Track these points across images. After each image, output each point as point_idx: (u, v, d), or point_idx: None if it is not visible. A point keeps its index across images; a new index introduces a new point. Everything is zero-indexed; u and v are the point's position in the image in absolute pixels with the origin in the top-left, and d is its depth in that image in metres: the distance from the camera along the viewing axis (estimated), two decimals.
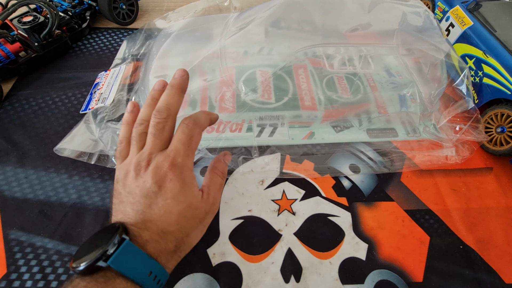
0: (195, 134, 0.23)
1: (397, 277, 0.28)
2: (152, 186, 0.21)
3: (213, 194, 0.24)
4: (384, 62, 0.43)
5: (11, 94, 0.43)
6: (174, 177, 0.21)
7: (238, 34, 0.40)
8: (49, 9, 0.44)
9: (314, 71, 0.40)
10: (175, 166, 0.21)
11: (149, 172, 0.21)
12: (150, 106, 0.24)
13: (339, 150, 0.37)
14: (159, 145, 0.22)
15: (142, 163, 0.22)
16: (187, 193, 0.22)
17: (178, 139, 0.22)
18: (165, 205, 0.21)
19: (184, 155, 0.22)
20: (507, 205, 0.34)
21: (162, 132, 0.22)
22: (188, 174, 0.22)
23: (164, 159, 0.21)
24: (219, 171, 0.26)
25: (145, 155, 0.22)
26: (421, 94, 0.39)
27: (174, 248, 0.21)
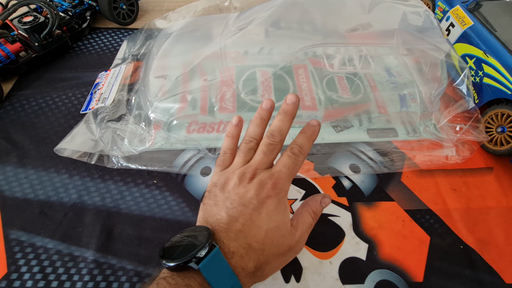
0: (299, 162, 0.24)
1: (398, 277, 0.28)
2: (253, 197, 0.21)
3: (300, 231, 0.24)
4: (384, 62, 0.43)
5: (12, 94, 0.43)
6: (273, 195, 0.22)
7: (238, 34, 0.40)
8: (49, 9, 0.44)
9: (314, 71, 0.40)
10: (277, 185, 0.22)
11: (253, 184, 0.22)
12: (259, 126, 0.25)
13: (339, 150, 0.37)
14: (266, 163, 0.23)
15: (247, 175, 0.23)
16: (279, 215, 0.22)
17: (284, 164, 0.23)
18: (258, 219, 0.21)
19: (286, 179, 0.23)
20: (507, 205, 0.34)
21: (271, 153, 0.24)
22: (284, 197, 0.23)
23: (269, 176, 0.22)
24: (312, 211, 0.25)
25: (252, 168, 0.23)
26: (421, 94, 0.39)
27: (254, 269, 0.20)
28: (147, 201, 0.33)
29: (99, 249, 0.29)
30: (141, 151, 0.35)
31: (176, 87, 0.37)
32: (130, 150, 0.35)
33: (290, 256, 0.24)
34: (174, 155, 0.36)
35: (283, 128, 0.25)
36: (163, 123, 0.37)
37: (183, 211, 0.32)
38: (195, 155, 0.36)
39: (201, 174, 0.35)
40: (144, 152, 0.35)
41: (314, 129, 0.25)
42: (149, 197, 0.33)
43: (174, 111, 0.37)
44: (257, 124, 0.25)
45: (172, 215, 0.32)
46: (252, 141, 0.25)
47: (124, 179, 0.34)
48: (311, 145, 0.25)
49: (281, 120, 0.25)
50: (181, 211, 0.32)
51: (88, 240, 0.30)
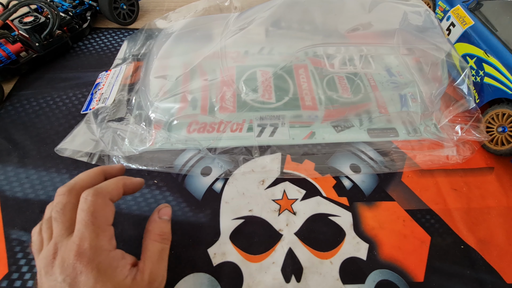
0: (98, 207, 0.19)
1: (398, 277, 0.28)
2: (62, 284, 0.17)
3: (149, 268, 0.20)
4: (384, 61, 0.43)
5: (12, 94, 0.43)
6: (84, 268, 0.17)
7: (239, 34, 0.40)
8: (50, 10, 0.44)
9: (315, 70, 0.40)
10: (82, 254, 0.17)
11: (56, 268, 0.17)
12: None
13: (340, 150, 0.37)
14: (63, 230, 0.18)
15: (49, 257, 0.18)
16: (106, 284, 0.17)
17: (80, 220, 0.18)
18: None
19: (92, 237, 0.18)
20: (508, 205, 0.34)
21: (65, 213, 0.19)
22: (103, 258, 0.18)
23: (70, 247, 0.18)
24: (154, 234, 0.21)
25: (51, 246, 0.18)
26: (422, 94, 0.39)
27: None
28: (147, 201, 0.33)
29: None
30: (141, 151, 0.35)
31: (176, 87, 0.37)
32: (131, 150, 0.35)
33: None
34: (175, 155, 0.36)
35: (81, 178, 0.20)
36: (164, 123, 0.37)
37: (184, 211, 0.32)
38: (196, 155, 0.36)
39: (201, 174, 0.35)
40: (144, 152, 0.35)
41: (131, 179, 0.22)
42: (150, 197, 0.33)
43: (174, 111, 0.37)
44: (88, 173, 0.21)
45: (173, 215, 0.32)
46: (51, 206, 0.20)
47: None
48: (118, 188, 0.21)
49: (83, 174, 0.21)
50: (181, 211, 0.32)
51: None
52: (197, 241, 0.30)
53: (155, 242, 0.22)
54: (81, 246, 0.18)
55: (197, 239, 0.30)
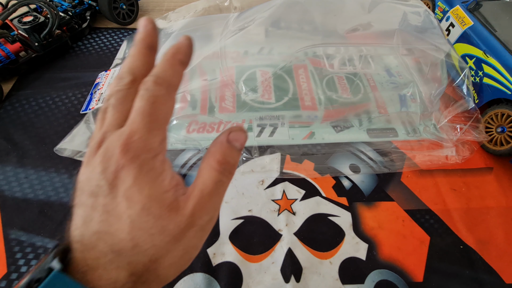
0: (159, 98, 0.15)
1: (397, 277, 0.28)
2: (99, 177, 0.14)
3: (195, 198, 0.15)
4: (384, 62, 0.43)
5: (12, 94, 0.43)
6: (127, 162, 0.14)
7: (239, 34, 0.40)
8: (50, 9, 0.44)
9: (314, 71, 0.40)
10: (130, 146, 0.14)
11: (98, 157, 0.15)
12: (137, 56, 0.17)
13: (339, 150, 0.37)
14: (118, 119, 0.15)
15: (93, 146, 0.15)
16: (143, 189, 0.14)
17: (136, 109, 0.15)
18: (114, 207, 0.14)
19: (146, 130, 0.15)
20: (507, 205, 0.34)
21: (123, 103, 0.16)
22: (151, 158, 0.15)
23: (117, 138, 0.15)
24: (215, 160, 0.16)
25: (100, 134, 0.15)
26: (421, 94, 0.39)
27: (132, 277, 0.14)
28: None
29: None
30: None
31: None
32: None
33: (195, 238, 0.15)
34: (174, 155, 0.36)
35: (133, 64, 0.17)
36: None
37: None
38: (195, 155, 0.36)
39: None
40: None
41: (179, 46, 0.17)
42: None
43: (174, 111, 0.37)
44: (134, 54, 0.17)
45: None
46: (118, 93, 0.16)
47: None
48: (179, 71, 0.16)
49: (130, 55, 0.17)
50: None
51: None
52: None
53: (212, 169, 0.16)
54: (130, 137, 0.14)
55: None
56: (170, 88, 0.15)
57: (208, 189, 0.15)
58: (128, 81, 0.15)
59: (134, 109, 0.15)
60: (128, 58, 0.16)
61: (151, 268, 0.14)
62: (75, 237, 0.14)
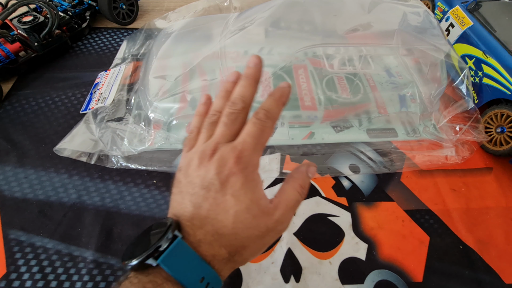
0: (267, 128, 0.21)
1: (397, 277, 0.28)
2: (214, 177, 0.19)
3: (282, 209, 0.20)
4: (384, 62, 0.43)
5: (11, 94, 0.43)
6: (237, 171, 0.19)
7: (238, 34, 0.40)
8: (49, 9, 0.44)
9: (314, 71, 0.40)
10: (241, 159, 0.19)
11: (213, 162, 0.19)
12: (223, 98, 0.22)
13: (339, 150, 0.37)
14: (228, 135, 0.21)
15: (207, 152, 0.20)
16: (247, 193, 0.19)
17: (248, 132, 0.20)
18: (223, 201, 0.19)
19: (252, 150, 0.20)
20: (507, 205, 0.34)
21: (234, 123, 0.21)
22: (252, 171, 0.20)
23: (231, 150, 0.20)
24: (297, 184, 0.22)
25: (212, 144, 0.20)
26: (421, 94, 0.39)
27: (227, 255, 0.19)
28: (146, 201, 0.33)
29: (98, 249, 0.29)
30: (140, 151, 0.35)
31: (176, 87, 0.37)
32: (130, 150, 0.35)
33: (272, 238, 0.21)
34: (174, 155, 0.36)
35: (245, 94, 0.22)
36: (163, 123, 0.37)
37: None
38: None
39: None
40: (143, 152, 0.35)
41: (284, 91, 0.22)
42: (149, 197, 0.33)
43: (174, 111, 0.37)
44: (221, 96, 0.22)
45: None
46: (216, 114, 0.22)
47: (124, 179, 0.34)
48: (281, 109, 0.22)
49: (242, 86, 0.22)
50: None
51: (88, 240, 0.30)
52: None
53: (295, 190, 0.21)
54: (242, 152, 0.19)
55: None
56: (274, 121, 0.21)
57: (291, 204, 0.21)
58: (240, 108, 0.21)
59: (246, 131, 0.20)
60: (239, 87, 0.22)
61: (241, 251, 0.19)
62: (186, 216, 0.19)
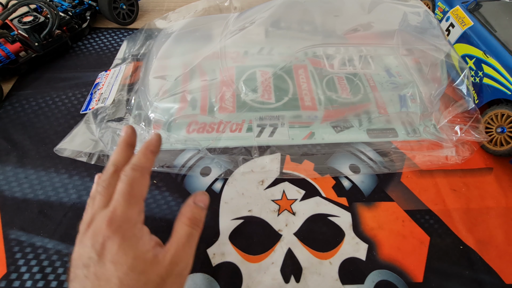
0: (135, 180, 0.20)
1: (397, 277, 0.28)
2: (90, 251, 0.17)
3: (173, 250, 0.19)
4: (384, 62, 0.43)
5: (11, 94, 0.43)
6: (111, 234, 0.18)
7: (239, 35, 0.40)
8: (49, 9, 0.44)
9: (314, 71, 0.40)
10: (113, 220, 0.18)
11: (88, 235, 0.18)
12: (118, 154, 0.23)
13: (339, 150, 0.37)
14: (104, 202, 0.20)
15: (83, 227, 0.19)
16: (128, 252, 0.17)
17: (118, 191, 0.19)
18: (104, 272, 0.17)
19: (125, 206, 0.19)
20: (507, 206, 0.34)
21: (108, 189, 0.20)
22: (129, 227, 0.18)
23: (104, 216, 0.18)
24: (186, 218, 0.21)
25: (88, 216, 0.19)
26: (421, 94, 0.39)
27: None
28: (146, 201, 0.33)
29: None
30: None
31: (176, 87, 0.37)
32: None
33: (174, 283, 0.19)
34: (174, 155, 0.36)
35: (117, 158, 0.22)
36: (163, 123, 0.37)
37: None
38: (195, 155, 0.36)
39: (201, 174, 0.35)
40: None
41: (151, 141, 0.22)
42: (149, 197, 0.33)
43: (174, 111, 0.37)
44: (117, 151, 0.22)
45: (172, 215, 0.32)
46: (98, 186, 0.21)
47: None
48: (150, 158, 0.22)
49: (115, 153, 0.22)
50: None
51: None
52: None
53: (184, 225, 0.21)
54: (113, 214, 0.18)
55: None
56: (143, 171, 0.21)
57: (182, 241, 0.20)
58: (111, 172, 0.21)
59: (116, 191, 0.19)
60: (112, 154, 0.22)
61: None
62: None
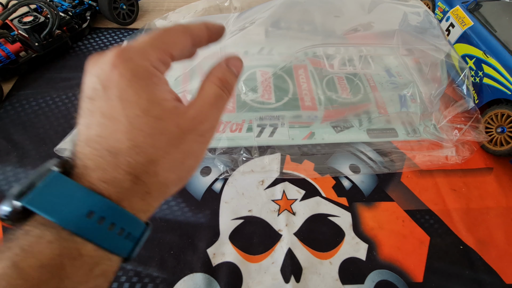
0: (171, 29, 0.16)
1: (397, 277, 0.28)
2: (95, 81, 0.15)
3: (198, 106, 0.16)
4: (384, 62, 0.43)
5: (12, 94, 0.43)
6: (119, 63, 0.14)
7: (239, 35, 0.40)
8: (50, 9, 0.44)
9: (314, 71, 0.40)
10: (125, 51, 0.15)
11: (98, 64, 0.15)
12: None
13: (339, 150, 0.37)
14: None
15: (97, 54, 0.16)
16: (139, 93, 0.14)
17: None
18: (109, 109, 0.14)
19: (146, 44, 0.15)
20: (507, 205, 0.34)
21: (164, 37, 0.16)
22: (143, 66, 0.15)
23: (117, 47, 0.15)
24: (216, 78, 0.17)
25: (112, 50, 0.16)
26: (421, 94, 0.39)
27: (129, 176, 0.14)
28: None
29: None
30: None
31: (176, 87, 0.37)
32: None
33: (193, 142, 0.16)
34: None
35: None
36: None
37: (183, 211, 0.32)
38: None
39: (201, 174, 0.35)
40: None
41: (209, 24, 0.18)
42: None
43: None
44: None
45: (172, 215, 0.32)
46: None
47: None
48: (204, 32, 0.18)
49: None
50: (180, 211, 0.32)
51: None
52: (196, 242, 0.30)
53: (213, 84, 0.17)
54: (129, 46, 0.15)
55: (197, 240, 0.30)
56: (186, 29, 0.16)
57: (209, 100, 0.16)
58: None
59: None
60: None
61: (150, 170, 0.14)
62: (77, 145, 0.14)
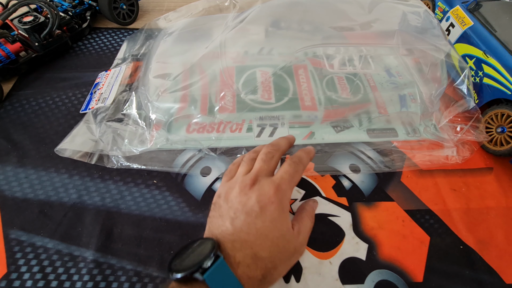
0: (299, 170, 0.25)
1: (397, 277, 0.28)
2: (255, 204, 0.21)
3: (303, 234, 0.24)
4: (384, 62, 0.43)
5: (12, 94, 0.43)
6: (276, 201, 0.22)
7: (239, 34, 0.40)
8: (50, 9, 0.44)
9: (314, 71, 0.40)
10: (279, 191, 0.22)
11: (254, 191, 0.22)
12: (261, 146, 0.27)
13: (339, 150, 0.37)
14: (266, 170, 0.24)
15: (247, 181, 0.23)
16: (283, 222, 0.22)
17: (285, 170, 0.24)
18: (262, 227, 0.21)
19: (288, 185, 0.23)
20: (507, 205, 0.34)
21: (271, 161, 0.25)
22: (287, 204, 0.23)
23: (270, 182, 0.23)
24: (311, 214, 0.27)
25: (252, 175, 0.23)
26: (421, 94, 0.39)
27: (261, 277, 0.20)
28: (147, 201, 0.33)
29: (98, 249, 0.29)
30: (141, 151, 0.35)
31: (176, 86, 0.37)
32: (131, 150, 0.35)
33: (296, 258, 0.24)
34: (174, 155, 0.36)
35: (280, 142, 0.27)
36: (163, 123, 0.37)
37: (183, 211, 0.32)
38: (195, 155, 0.36)
39: (201, 174, 0.35)
40: (144, 152, 0.35)
41: (311, 149, 0.27)
42: (149, 197, 0.33)
43: (174, 111, 0.37)
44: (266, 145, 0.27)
45: (172, 215, 0.32)
46: (255, 152, 0.26)
47: (124, 179, 0.34)
48: (308, 162, 0.26)
49: (279, 139, 0.28)
50: (180, 211, 0.32)
51: (88, 240, 0.30)
52: None
53: (309, 219, 0.26)
54: (280, 185, 0.23)
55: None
56: (303, 167, 0.25)
57: (308, 230, 0.25)
58: (276, 149, 0.26)
59: (283, 169, 0.24)
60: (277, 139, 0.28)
61: (272, 273, 0.21)
62: (227, 238, 0.21)
